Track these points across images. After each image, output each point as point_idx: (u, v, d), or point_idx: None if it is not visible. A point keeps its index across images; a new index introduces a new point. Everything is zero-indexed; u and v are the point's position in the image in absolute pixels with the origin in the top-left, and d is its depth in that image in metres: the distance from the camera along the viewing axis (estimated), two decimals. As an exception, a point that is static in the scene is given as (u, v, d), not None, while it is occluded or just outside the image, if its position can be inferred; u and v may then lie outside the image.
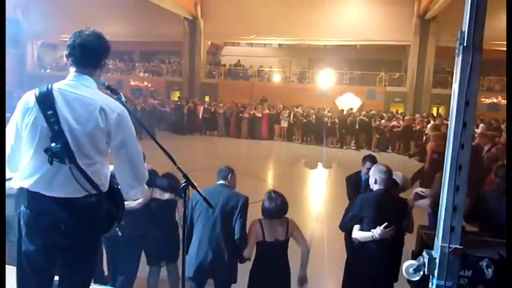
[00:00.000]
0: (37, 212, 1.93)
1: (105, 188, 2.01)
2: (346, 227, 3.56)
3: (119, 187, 2.11)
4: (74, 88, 1.95)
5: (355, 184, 4.34)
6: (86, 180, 1.91)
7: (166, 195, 3.75)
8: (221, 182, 3.49)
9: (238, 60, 24.32)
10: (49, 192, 1.90)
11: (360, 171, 4.42)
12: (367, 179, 4.16)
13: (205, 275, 3.38)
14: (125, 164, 2.04)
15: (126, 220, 2.19)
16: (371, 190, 3.57)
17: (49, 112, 1.87)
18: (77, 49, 1.98)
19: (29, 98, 1.93)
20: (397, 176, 3.86)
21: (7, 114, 2.19)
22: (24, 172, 1.92)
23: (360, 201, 3.44)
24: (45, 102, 1.89)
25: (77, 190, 1.92)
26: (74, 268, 2.04)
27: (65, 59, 2.14)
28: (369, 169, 4.00)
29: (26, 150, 1.92)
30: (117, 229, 2.19)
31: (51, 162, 1.86)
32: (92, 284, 2.16)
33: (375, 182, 3.39)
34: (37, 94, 1.91)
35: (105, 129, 1.95)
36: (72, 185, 1.90)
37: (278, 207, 3.31)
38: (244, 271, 3.45)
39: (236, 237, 3.31)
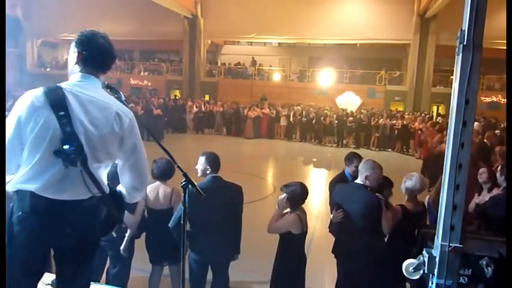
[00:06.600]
0: (42, 216, 1.85)
1: (107, 190, 2.00)
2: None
3: (118, 189, 2.10)
4: (85, 89, 1.92)
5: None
6: (93, 183, 1.89)
7: (160, 205, 3.67)
8: (214, 174, 3.40)
9: (239, 62, 24.27)
10: (55, 195, 1.84)
11: (343, 172, 4.21)
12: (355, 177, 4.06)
13: (207, 263, 3.54)
14: (134, 167, 2.04)
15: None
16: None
17: (61, 113, 1.80)
18: (93, 51, 1.96)
19: (36, 97, 1.82)
20: (413, 176, 3.59)
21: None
22: (28, 175, 1.82)
23: (336, 188, 3.77)
24: (57, 102, 1.81)
25: (83, 193, 1.89)
26: (76, 270, 2.01)
27: (65, 56, 2.12)
28: (356, 167, 3.79)
29: (32, 152, 1.81)
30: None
31: (66, 166, 1.81)
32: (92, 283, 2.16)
33: (366, 178, 3.38)
34: (47, 94, 1.82)
35: (119, 134, 1.94)
36: (79, 188, 1.87)
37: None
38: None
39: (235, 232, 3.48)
